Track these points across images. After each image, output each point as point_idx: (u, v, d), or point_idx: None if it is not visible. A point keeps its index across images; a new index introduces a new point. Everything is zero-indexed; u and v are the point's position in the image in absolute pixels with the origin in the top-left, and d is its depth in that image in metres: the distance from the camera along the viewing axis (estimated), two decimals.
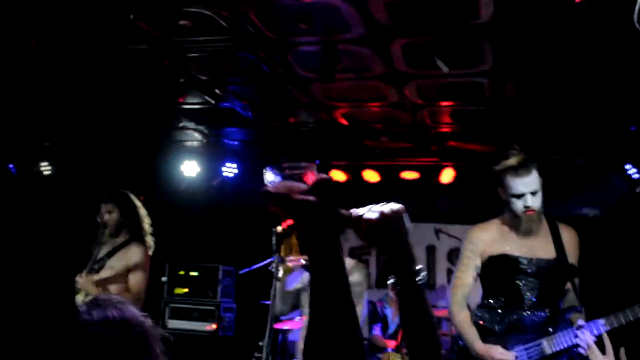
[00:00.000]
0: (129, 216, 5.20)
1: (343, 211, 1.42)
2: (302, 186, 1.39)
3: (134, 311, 1.70)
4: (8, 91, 5.99)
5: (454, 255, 8.53)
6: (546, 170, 7.63)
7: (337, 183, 1.39)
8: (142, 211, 5.30)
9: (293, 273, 4.59)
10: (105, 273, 4.93)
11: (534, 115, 6.23)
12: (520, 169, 3.93)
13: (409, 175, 8.06)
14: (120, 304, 1.70)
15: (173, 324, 7.78)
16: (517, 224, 4.02)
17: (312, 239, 1.37)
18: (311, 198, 1.35)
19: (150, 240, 5.22)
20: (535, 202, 3.95)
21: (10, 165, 7.44)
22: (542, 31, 4.43)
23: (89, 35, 4.81)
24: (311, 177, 1.49)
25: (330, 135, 7.18)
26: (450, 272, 8.51)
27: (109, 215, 5.16)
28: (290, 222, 1.47)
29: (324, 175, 1.41)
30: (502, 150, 4.17)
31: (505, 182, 4.00)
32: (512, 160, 4.00)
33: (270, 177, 1.51)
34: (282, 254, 1.54)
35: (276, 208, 1.41)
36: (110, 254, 5.05)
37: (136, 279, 4.94)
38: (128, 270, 4.99)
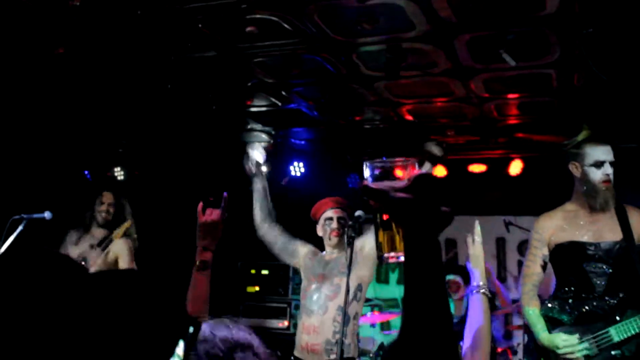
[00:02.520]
0: (120, 211, 5.44)
1: (444, 208, 1.38)
2: (401, 183, 1.38)
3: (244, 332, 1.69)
4: (82, 100, 6.21)
5: (524, 247, 8.42)
6: (618, 159, 7.50)
7: (439, 179, 1.38)
8: (129, 209, 5.56)
9: None
10: (98, 261, 5.11)
11: (604, 103, 6.11)
12: (598, 138, 3.93)
13: (477, 168, 8.01)
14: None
15: (246, 322, 7.92)
16: (592, 200, 3.98)
17: (410, 236, 1.35)
18: (409, 195, 1.34)
19: (134, 236, 5.48)
20: (611, 174, 3.94)
21: (86, 172, 7.68)
22: (609, 20, 4.35)
23: (159, 44, 4.94)
24: (410, 172, 1.48)
25: (397, 132, 7.18)
26: (520, 264, 8.42)
27: (108, 206, 5.40)
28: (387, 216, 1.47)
29: (424, 171, 1.40)
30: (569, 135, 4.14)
31: (583, 153, 3.98)
32: (586, 133, 3.98)
33: (367, 172, 1.52)
34: (384, 250, 1.53)
35: (375, 203, 1.42)
36: (100, 244, 5.23)
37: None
38: (116, 261, 5.18)
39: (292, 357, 4.59)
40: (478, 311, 2.38)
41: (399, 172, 1.48)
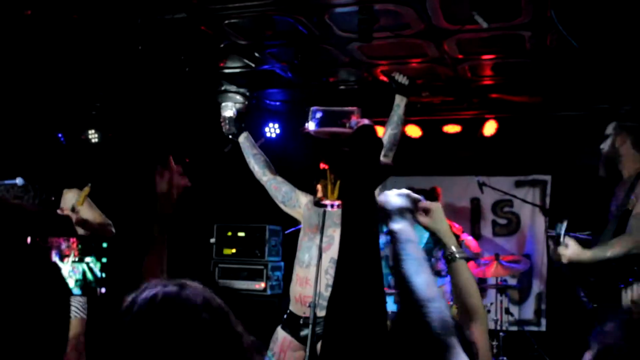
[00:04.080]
0: None
1: (383, 160, 1.38)
2: (344, 131, 1.37)
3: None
4: (54, 64, 6.12)
5: (498, 208, 8.53)
6: (592, 119, 7.56)
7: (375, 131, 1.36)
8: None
9: None
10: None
11: (577, 64, 6.13)
12: None
13: (451, 129, 8.03)
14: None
15: (223, 283, 7.98)
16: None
17: (349, 186, 1.34)
18: (350, 146, 1.33)
19: None
20: None
21: (59, 135, 7.60)
22: None
23: (129, 7, 4.87)
24: (353, 121, 1.47)
25: (371, 93, 7.17)
26: (495, 224, 8.53)
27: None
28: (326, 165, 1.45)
29: (366, 121, 1.38)
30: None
31: None
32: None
33: (311, 116, 1.50)
34: (319, 195, 1.53)
35: (317, 150, 1.41)
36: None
37: None
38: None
39: (288, 311, 4.59)
40: (462, 279, 2.13)
41: (341, 121, 1.47)
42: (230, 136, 4.96)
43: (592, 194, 7.61)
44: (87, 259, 1.61)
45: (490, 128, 7.83)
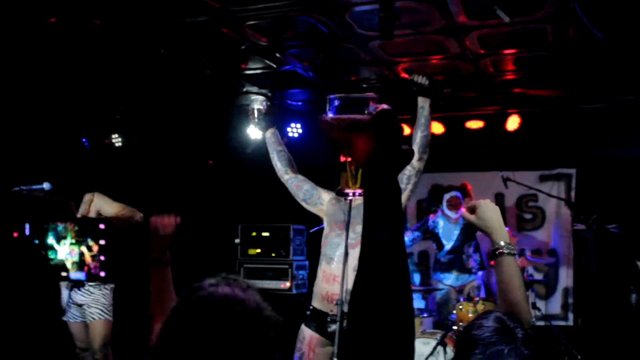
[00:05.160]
0: None
1: (404, 146, 1.36)
2: (363, 118, 1.34)
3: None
4: (77, 70, 6.18)
5: (522, 202, 8.48)
6: (616, 111, 7.48)
7: (397, 115, 1.32)
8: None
9: None
10: None
11: (601, 56, 6.07)
12: None
13: (474, 124, 7.99)
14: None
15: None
16: None
17: (371, 172, 1.32)
18: (371, 132, 1.31)
19: None
20: None
21: (84, 139, 7.68)
22: None
23: (149, 12, 4.91)
24: (372, 106, 1.44)
25: (393, 90, 7.16)
26: (520, 219, 8.48)
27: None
28: (348, 155, 1.43)
29: (385, 106, 1.35)
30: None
31: None
32: None
33: (329, 104, 1.49)
34: (340, 186, 1.51)
35: (336, 137, 1.38)
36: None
37: None
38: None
39: (311, 308, 4.58)
40: (506, 274, 2.09)
41: (360, 107, 1.44)
42: (259, 128, 4.97)
43: (617, 186, 7.58)
44: (85, 241, 1.63)
45: (513, 123, 7.77)
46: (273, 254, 8.06)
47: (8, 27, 5.09)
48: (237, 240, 8.22)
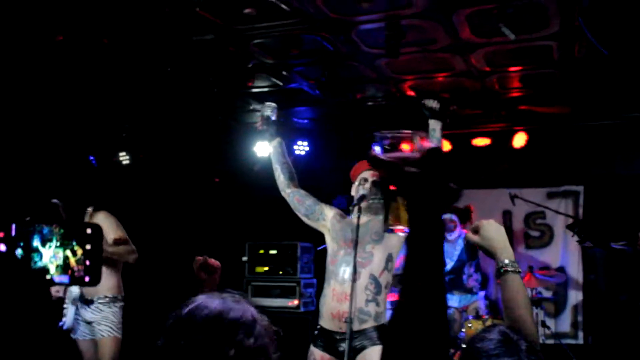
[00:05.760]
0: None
1: (452, 185, 1.36)
2: (413, 156, 1.36)
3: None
4: (85, 88, 6.22)
5: (530, 220, 8.45)
6: (623, 128, 7.46)
7: (448, 154, 1.34)
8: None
9: None
10: None
11: (607, 72, 6.08)
12: None
13: (481, 142, 7.99)
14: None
15: (256, 301, 7.98)
16: None
17: (416, 211, 1.33)
18: (418, 169, 1.32)
19: None
20: None
21: (91, 157, 7.71)
22: None
23: (156, 30, 4.95)
24: (419, 144, 1.46)
25: (399, 108, 7.18)
26: (527, 237, 8.44)
27: None
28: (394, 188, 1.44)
29: (434, 145, 1.37)
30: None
31: None
32: None
33: (377, 143, 1.50)
34: (390, 221, 1.51)
35: (384, 174, 1.40)
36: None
37: None
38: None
39: (318, 327, 4.56)
40: (511, 291, 2.11)
41: (405, 146, 1.47)
42: (266, 138, 4.97)
43: (626, 203, 7.55)
44: (70, 245, 1.64)
45: (520, 140, 7.77)
46: (280, 272, 8.05)
47: (17, 45, 5.13)
48: (244, 258, 8.21)
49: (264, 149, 8.30)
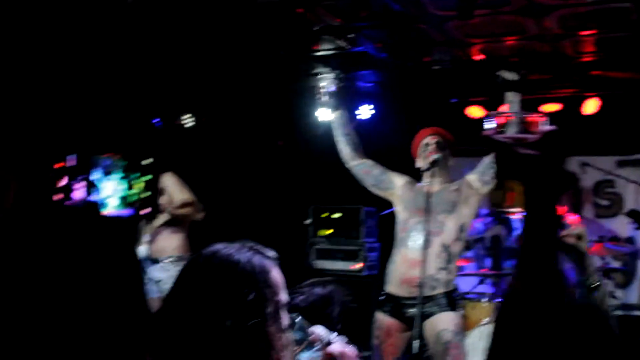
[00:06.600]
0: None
1: (567, 169, 1.32)
2: (529, 137, 1.32)
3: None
4: (152, 52, 6.27)
5: (599, 188, 8.24)
6: None
7: (564, 137, 1.30)
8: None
9: None
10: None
11: None
12: None
13: (550, 107, 7.78)
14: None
15: (319, 264, 8.05)
16: None
17: (532, 195, 1.31)
18: (535, 152, 1.29)
19: None
20: None
21: (156, 120, 7.80)
22: None
23: None
24: (536, 126, 1.42)
25: (467, 72, 7.04)
26: (597, 206, 8.24)
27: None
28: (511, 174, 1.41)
29: (552, 127, 1.32)
30: None
31: None
32: None
33: (489, 122, 1.47)
34: (495, 202, 1.48)
35: (497, 154, 1.37)
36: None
37: None
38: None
39: (385, 293, 4.57)
40: None
41: (524, 126, 1.43)
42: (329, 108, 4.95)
43: None
44: (133, 176, 1.67)
45: (591, 106, 7.54)
46: (344, 236, 8.07)
47: (85, 7, 5.19)
48: (307, 221, 8.25)
49: (326, 114, 8.28)
